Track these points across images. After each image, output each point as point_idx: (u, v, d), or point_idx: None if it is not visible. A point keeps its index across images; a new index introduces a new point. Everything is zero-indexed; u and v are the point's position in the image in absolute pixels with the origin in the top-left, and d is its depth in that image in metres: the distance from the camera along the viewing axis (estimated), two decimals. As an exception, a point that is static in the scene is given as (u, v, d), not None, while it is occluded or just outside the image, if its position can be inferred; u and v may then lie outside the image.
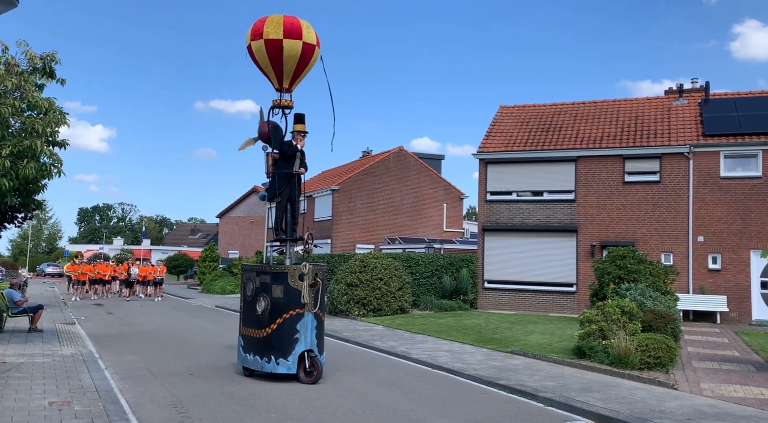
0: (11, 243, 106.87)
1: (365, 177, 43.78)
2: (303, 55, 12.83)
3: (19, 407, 9.16)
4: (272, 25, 12.60)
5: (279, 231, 13.19)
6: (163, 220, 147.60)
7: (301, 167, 13.16)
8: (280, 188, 13.05)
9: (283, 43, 12.58)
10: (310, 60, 13.07)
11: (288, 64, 12.86)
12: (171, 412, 9.51)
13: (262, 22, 12.72)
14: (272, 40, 12.58)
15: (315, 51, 13.04)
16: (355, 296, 24.41)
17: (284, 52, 12.66)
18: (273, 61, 12.85)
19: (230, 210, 65.47)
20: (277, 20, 12.64)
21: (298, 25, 12.69)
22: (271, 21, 12.66)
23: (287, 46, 12.62)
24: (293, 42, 12.62)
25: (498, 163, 28.54)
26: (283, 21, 12.61)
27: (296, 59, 12.82)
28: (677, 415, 9.75)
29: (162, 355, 15.19)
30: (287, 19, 12.67)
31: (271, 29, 12.57)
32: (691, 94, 28.92)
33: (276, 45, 12.60)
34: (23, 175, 13.92)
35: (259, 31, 12.67)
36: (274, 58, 12.80)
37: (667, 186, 25.56)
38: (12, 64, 14.78)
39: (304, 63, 13.00)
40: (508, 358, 15.23)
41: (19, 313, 18.53)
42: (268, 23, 12.65)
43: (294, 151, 13.05)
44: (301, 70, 13.13)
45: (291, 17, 12.77)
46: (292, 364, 11.82)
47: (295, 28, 12.62)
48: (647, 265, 20.41)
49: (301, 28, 12.69)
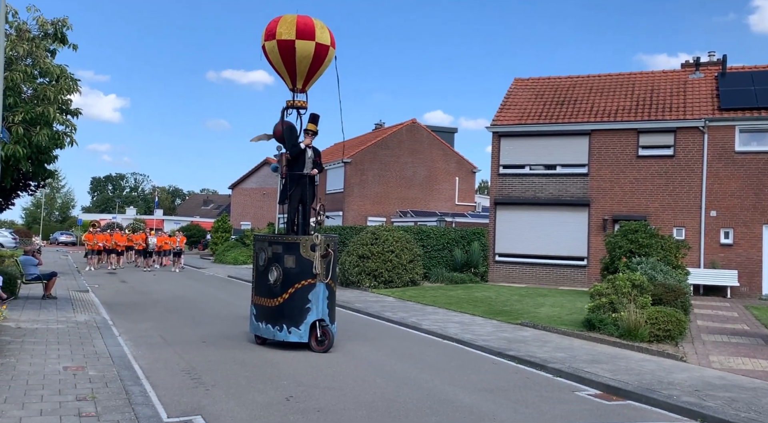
0: (25, 211, 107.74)
1: (377, 149, 43.71)
2: (316, 56, 12.77)
3: (34, 371, 9.31)
4: (285, 25, 12.56)
5: (290, 232, 13.11)
6: (176, 190, 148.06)
7: (314, 169, 13.03)
8: (290, 190, 12.96)
9: (296, 44, 12.54)
10: (324, 60, 13.01)
11: (301, 64, 12.82)
12: (184, 378, 9.65)
13: (276, 22, 12.69)
14: (285, 41, 12.55)
15: (329, 51, 12.97)
16: (366, 268, 24.52)
17: (297, 53, 12.62)
18: (286, 61, 12.82)
19: (242, 181, 65.63)
20: (290, 20, 12.58)
21: (312, 26, 12.62)
22: (285, 21, 12.62)
23: (300, 47, 12.57)
24: (306, 43, 12.57)
25: (511, 137, 28.44)
26: (297, 21, 12.55)
27: (309, 60, 12.77)
28: (685, 387, 9.81)
29: (175, 323, 15.36)
30: (300, 20, 12.60)
31: (284, 30, 12.53)
32: (707, 68, 28.64)
33: (288, 46, 12.56)
34: (36, 143, 14.00)
35: (273, 32, 12.63)
36: (286, 59, 12.77)
37: (680, 160, 25.42)
38: (23, 29, 14.80)
39: (318, 64, 12.94)
40: (517, 329, 15.32)
41: (33, 280, 18.73)
42: (282, 23, 12.60)
43: (297, 151, 12.88)
44: (315, 70, 13.08)
45: (305, 17, 12.69)
46: (304, 333, 11.94)
47: (308, 29, 12.56)
48: (659, 239, 20.37)
49: (314, 29, 12.62)
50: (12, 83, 13.77)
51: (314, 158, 13.07)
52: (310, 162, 13.00)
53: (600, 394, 9.71)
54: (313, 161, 13.04)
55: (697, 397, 9.23)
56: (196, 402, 8.35)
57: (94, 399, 7.94)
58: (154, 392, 8.69)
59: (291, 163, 12.97)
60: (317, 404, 8.42)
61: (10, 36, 14.35)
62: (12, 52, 14.22)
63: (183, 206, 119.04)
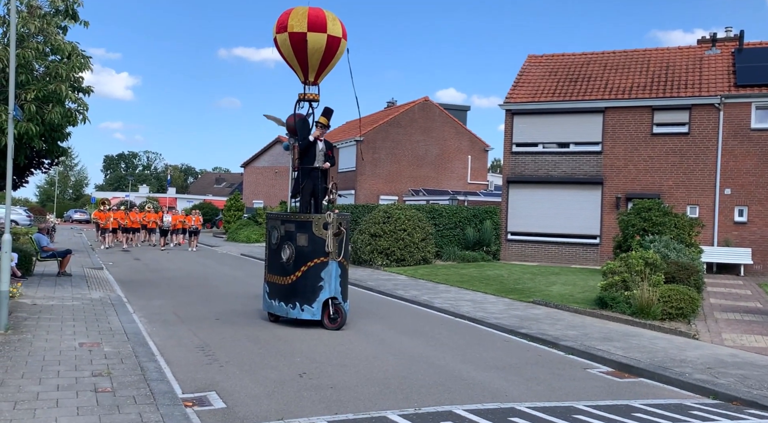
0: (39, 189, 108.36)
1: (390, 128, 43.60)
2: (328, 48, 12.70)
3: (50, 347, 9.41)
4: (297, 17, 12.50)
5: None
6: (188, 168, 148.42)
7: (326, 162, 12.91)
8: (301, 183, 12.89)
9: (308, 37, 12.47)
10: (336, 53, 12.94)
11: (313, 57, 12.76)
12: (198, 355, 9.73)
13: (287, 15, 12.63)
14: (296, 34, 12.49)
15: (341, 43, 12.89)
16: (378, 246, 24.56)
17: (308, 46, 12.56)
18: (298, 54, 12.76)
19: (254, 160, 65.69)
20: (302, 13, 12.52)
21: (323, 18, 12.55)
22: (296, 13, 12.55)
23: (311, 40, 12.50)
24: (317, 35, 12.49)
25: (524, 114, 28.29)
26: (308, 13, 12.48)
27: (321, 52, 12.70)
28: (697, 364, 9.82)
29: (188, 300, 15.46)
30: (312, 12, 12.53)
31: (296, 22, 12.47)
32: (724, 44, 28.29)
33: (300, 38, 12.50)
34: (49, 120, 14.02)
35: (284, 24, 12.58)
36: (298, 52, 12.71)
37: (695, 138, 25.23)
38: (34, 6, 14.78)
39: (330, 56, 12.87)
40: (529, 307, 15.34)
41: (48, 258, 18.87)
42: (293, 16, 12.54)
43: (306, 143, 12.77)
44: (327, 63, 13.01)
45: (316, 9, 12.63)
46: (317, 310, 11.99)
47: (319, 21, 12.49)
48: (672, 217, 20.30)
49: (326, 21, 12.55)
50: (24, 61, 13.75)
51: (326, 151, 12.96)
52: (322, 155, 12.88)
53: (612, 372, 9.73)
54: (324, 155, 12.92)
55: (709, 374, 9.24)
56: (210, 378, 8.42)
57: (110, 375, 8.02)
58: (169, 368, 8.78)
59: (302, 155, 12.88)
60: (330, 381, 8.48)
61: (21, 13, 14.32)
62: (23, 29, 14.21)
63: (195, 185, 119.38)
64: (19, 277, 16.35)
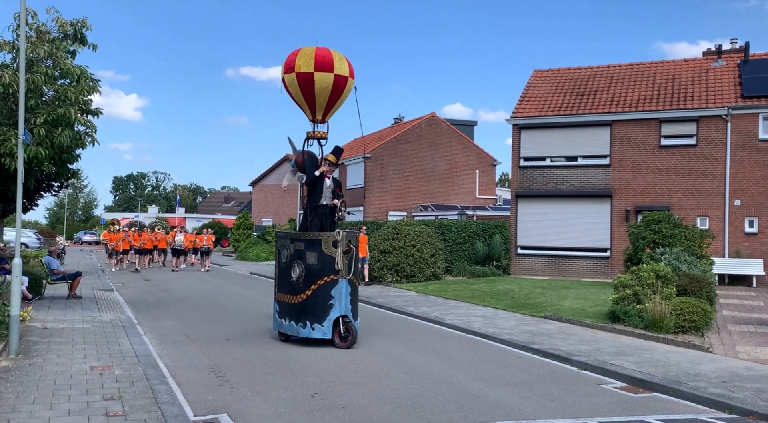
0: (48, 211, 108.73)
1: (397, 144, 43.64)
2: (335, 88, 12.82)
3: (61, 371, 9.40)
4: (304, 58, 12.63)
5: None
6: (197, 188, 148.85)
7: (334, 199, 12.91)
8: (309, 219, 12.92)
9: (315, 77, 12.60)
10: (343, 91, 13.05)
11: (320, 96, 12.88)
12: (209, 376, 9.70)
13: (295, 55, 12.77)
14: (304, 73, 12.61)
15: (348, 82, 13.00)
16: (388, 263, 24.52)
17: (315, 85, 12.68)
18: (305, 93, 12.88)
19: (263, 178, 65.83)
20: (309, 53, 12.64)
21: (330, 58, 12.67)
22: (303, 54, 12.68)
23: (318, 79, 12.62)
24: (325, 75, 12.62)
25: (532, 128, 28.29)
26: (315, 53, 12.60)
27: (328, 92, 12.82)
28: (712, 378, 9.73)
29: (199, 320, 15.44)
30: (319, 52, 12.65)
31: (303, 63, 12.60)
32: (730, 55, 28.27)
33: (307, 78, 12.63)
34: (58, 144, 14.11)
35: (292, 65, 12.71)
36: (306, 91, 12.83)
37: (703, 149, 25.17)
38: (43, 31, 14.91)
39: (337, 95, 12.99)
40: (541, 322, 15.26)
41: (59, 280, 18.91)
42: (300, 56, 12.67)
43: (312, 179, 12.83)
44: (334, 101, 13.12)
45: (323, 49, 12.76)
46: (327, 329, 11.96)
47: (326, 61, 12.62)
48: (682, 229, 20.19)
49: (332, 61, 12.67)
50: (33, 85, 13.88)
51: (333, 188, 12.97)
52: (329, 192, 12.90)
53: (626, 387, 9.66)
54: (332, 191, 12.93)
55: (724, 388, 9.16)
56: (222, 400, 8.39)
57: (121, 398, 8.01)
58: (180, 391, 8.75)
59: (310, 192, 12.99)
60: (342, 401, 8.44)
61: (30, 38, 14.45)
62: (32, 53, 14.33)
63: (204, 204, 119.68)
64: (29, 300, 16.37)
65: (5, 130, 13.63)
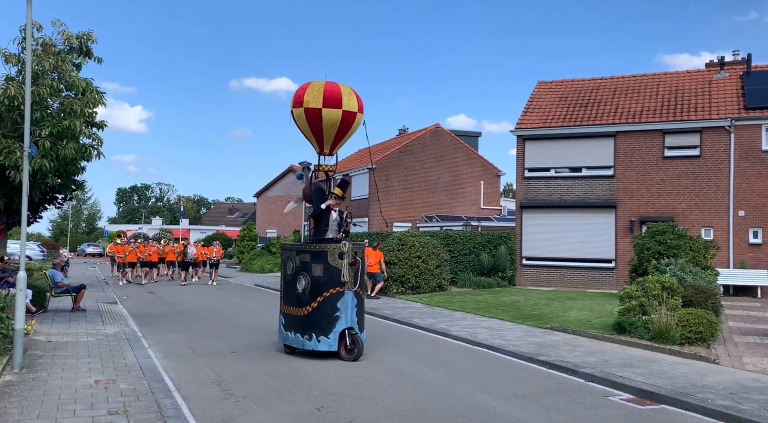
0: (52, 223, 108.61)
1: (402, 155, 43.70)
2: (343, 122, 12.82)
3: (66, 385, 9.38)
4: (312, 93, 12.62)
5: None
6: (201, 199, 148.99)
7: (339, 233, 12.92)
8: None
9: (323, 113, 12.59)
10: (351, 126, 13.05)
11: (327, 131, 12.89)
12: (215, 390, 9.67)
13: (304, 90, 12.77)
14: (312, 109, 12.61)
15: (356, 117, 12.99)
16: (393, 274, 24.49)
17: (323, 121, 12.68)
18: (313, 128, 12.88)
19: (267, 189, 65.87)
20: (317, 88, 12.62)
21: (338, 94, 12.64)
22: (312, 89, 12.67)
23: (326, 115, 12.63)
24: (332, 111, 12.62)
25: (536, 140, 28.29)
26: (324, 89, 12.58)
27: (336, 127, 12.83)
28: (719, 390, 9.68)
29: (204, 333, 15.41)
30: (328, 87, 12.64)
31: (311, 98, 12.60)
32: (732, 67, 28.31)
33: (315, 114, 12.62)
34: (63, 156, 14.13)
35: (300, 99, 12.71)
36: (314, 126, 12.83)
37: (707, 160, 25.15)
38: (49, 44, 14.97)
39: (345, 129, 12.99)
40: (547, 334, 15.21)
41: (63, 293, 18.91)
42: (309, 91, 12.66)
43: (318, 212, 12.80)
44: (342, 135, 13.13)
45: (332, 84, 12.73)
46: (333, 341, 11.92)
47: (334, 97, 12.60)
48: (687, 240, 20.13)
49: (341, 97, 12.65)
50: (39, 98, 13.92)
51: (339, 221, 12.94)
52: (335, 225, 12.90)
53: (633, 399, 9.61)
54: (338, 225, 12.91)
55: (732, 400, 9.10)
56: (228, 414, 8.36)
57: (126, 412, 7.98)
58: (186, 405, 8.71)
59: (316, 225, 12.97)
60: (349, 414, 8.40)
61: (36, 51, 14.50)
62: (38, 66, 14.38)
63: (208, 215, 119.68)
64: (33, 313, 16.36)
65: (10, 143, 13.66)
